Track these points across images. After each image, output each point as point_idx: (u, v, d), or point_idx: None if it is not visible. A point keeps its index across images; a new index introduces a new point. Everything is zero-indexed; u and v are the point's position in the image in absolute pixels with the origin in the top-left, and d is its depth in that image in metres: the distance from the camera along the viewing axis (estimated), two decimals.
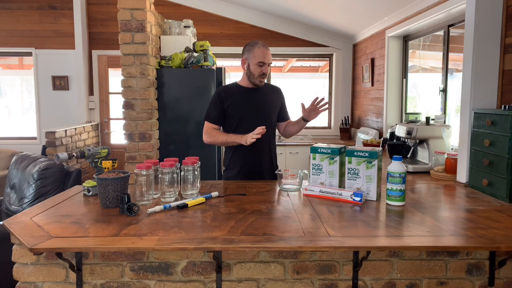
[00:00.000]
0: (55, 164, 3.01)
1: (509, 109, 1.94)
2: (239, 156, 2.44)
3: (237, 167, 2.45)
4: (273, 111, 2.51)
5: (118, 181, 1.75)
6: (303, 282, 1.60)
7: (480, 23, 2.18)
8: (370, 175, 1.85)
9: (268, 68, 2.37)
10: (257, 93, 2.45)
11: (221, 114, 2.43)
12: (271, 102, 2.50)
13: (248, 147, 2.32)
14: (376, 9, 4.02)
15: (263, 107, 2.46)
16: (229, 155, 2.50)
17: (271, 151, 2.51)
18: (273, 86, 2.61)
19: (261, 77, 2.38)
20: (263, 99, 2.46)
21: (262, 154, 2.45)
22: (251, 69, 2.37)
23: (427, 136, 2.71)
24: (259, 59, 2.33)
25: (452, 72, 3.34)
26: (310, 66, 6.69)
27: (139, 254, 1.58)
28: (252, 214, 1.66)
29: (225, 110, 2.43)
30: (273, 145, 2.53)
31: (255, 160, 2.43)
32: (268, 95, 2.50)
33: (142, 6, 3.54)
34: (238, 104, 2.42)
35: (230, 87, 2.51)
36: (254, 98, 2.44)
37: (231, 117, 2.42)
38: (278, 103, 2.54)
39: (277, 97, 2.55)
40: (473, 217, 1.64)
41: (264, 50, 2.34)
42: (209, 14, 5.46)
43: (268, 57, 2.36)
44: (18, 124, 6.50)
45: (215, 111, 2.43)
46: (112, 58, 5.71)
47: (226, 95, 2.43)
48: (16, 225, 1.51)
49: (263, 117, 2.42)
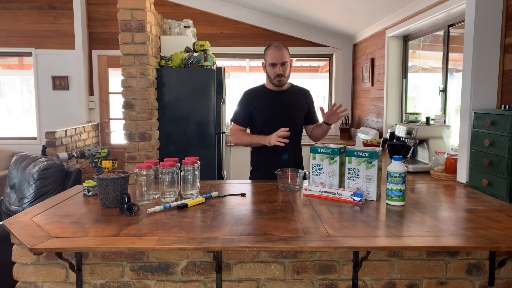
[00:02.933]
0: (55, 164, 3.02)
1: (509, 109, 1.94)
2: (264, 158, 2.47)
3: (263, 169, 2.47)
4: (299, 113, 2.51)
5: (118, 181, 1.75)
6: (303, 282, 1.60)
7: (480, 23, 2.18)
8: (370, 175, 1.85)
9: (281, 68, 2.37)
10: (283, 95, 2.47)
11: (247, 116, 2.48)
12: (297, 104, 2.50)
13: (272, 149, 2.35)
14: (376, 9, 4.02)
15: (288, 109, 2.46)
16: (255, 156, 2.53)
17: (295, 153, 2.52)
18: (301, 88, 2.60)
19: (277, 78, 2.39)
20: (288, 101, 2.47)
21: (286, 154, 2.46)
22: (267, 71, 2.43)
23: (427, 136, 2.71)
24: (270, 61, 2.38)
25: (452, 72, 3.34)
26: (310, 66, 6.70)
27: (139, 254, 1.58)
28: (252, 214, 1.66)
29: (251, 112, 2.46)
30: (298, 147, 2.55)
31: (280, 161, 2.42)
32: (294, 97, 2.50)
33: (142, 6, 3.54)
34: (263, 106, 2.45)
35: (257, 89, 2.55)
36: (279, 100, 2.46)
37: (257, 119, 2.46)
38: (304, 106, 2.54)
39: (304, 99, 2.54)
40: (473, 217, 1.64)
41: (275, 51, 2.37)
42: (209, 14, 5.46)
43: (278, 57, 2.36)
44: (18, 124, 6.51)
45: (242, 113, 2.48)
46: (112, 58, 5.71)
47: (253, 98, 2.47)
48: (16, 225, 1.51)
49: (288, 120, 2.43)
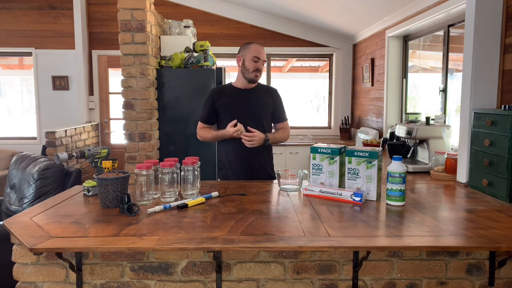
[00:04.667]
0: (55, 164, 3.01)
1: (509, 109, 1.94)
2: (230, 156, 2.48)
3: (230, 167, 2.48)
4: (264, 111, 2.50)
5: (118, 181, 1.75)
6: (303, 282, 1.60)
7: (480, 23, 2.18)
8: (370, 175, 1.85)
9: (262, 66, 2.42)
10: (249, 93, 2.48)
11: (212, 114, 2.49)
12: (262, 102, 2.50)
13: (238, 148, 2.39)
14: (376, 9, 4.02)
15: (253, 107, 2.46)
16: (222, 155, 2.55)
17: (263, 152, 2.50)
18: (267, 87, 2.62)
19: (255, 72, 2.40)
20: (254, 99, 2.48)
21: (254, 153, 2.44)
22: (246, 64, 2.41)
23: (427, 136, 2.71)
24: (254, 54, 2.39)
25: (452, 72, 3.34)
26: (310, 66, 6.69)
27: (139, 254, 1.58)
28: (252, 214, 1.66)
29: (217, 110, 2.47)
30: (265, 145, 2.48)
31: (246, 160, 2.44)
32: (260, 96, 2.50)
33: (142, 6, 3.54)
34: (229, 105, 2.46)
35: (224, 87, 2.56)
36: (245, 98, 2.46)
37: (223, 117, 2.46)
38: (271, 104, 2.52)
39: (270, 97, 2.53)
40: (473, 217, 1.64)
41: (260, 48, 2.42)
42: (209, 14, 5.46)
43: (263, 54, 2.42)
44: (18, 124, 6.51)
45: (207, 111, 2.50)
46: (112, 58, 5.71)
47: (218, 96, 2.48)
48: (16, 225, 1.51)
49: (254, 117, 2.43)
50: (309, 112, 6.54)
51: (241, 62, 2.44)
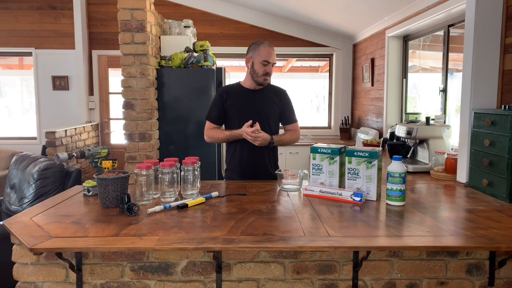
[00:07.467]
0: (55, 164, 3.01)
1: (509, 109, 1.94)
2: (237, 157, 2.45)
3: (236, 168, 2.46)
4: (273, 112, 2.48)
5: (118, 181, 1.75)
6: (303, 282, 1.60)
7: (480, 23, 2.18)
8: (370, 175, 1.85)
9: (272, 68, 2.38)
10: (258, 94, 2.45)
11: (221, 114, 2.45)
12: (271, 103, 2.47)
13: (246, 149, 2.37)
14: (376, 9, 4.02)
15: (262, 108, 2.44)
16: (229, 155, 2.52)
17: (269, 153, 2.49)
18: (277, 88, 2.56)
19: (265, 76, 2.37)
20: (263, 101, 2.45)
21: (260, 155, 2.44)
22: (255, 68, 2.37)
23: (427, 136, 2.71)
24: (264, 58, 2.34)
25: (452, 72, 3.34)
26: (310, 66, 6.70)
27: (139, 254, 1.58)
28: (252, 214, 1.66)
29: (226, 110, 2.44)
30: (272, 147, 2.49)
31: (253, 161, 2.43)
32: (269, 97, 2.48)
33: (142, 6, 3.54)
34: (238, 105, 2.43)
35: (232, 87, 2.52)
36: (254, 99, 2.44)
37: (231, 117, 2.44)
38: (279, 105, 2.50)
39: (278, 99, 2.50)
40: (473, 217, 1.64)
41: (270, 50, 2.36)
42: (209, 14, 5.46)
43: (273, 56, 2.37)
44: (18, 124, 6.51)
45: (216, 110, 2.45)
46: (112, 58, 5.71)
47: (227, 95, 2.44)
48: (16, 225, 1.51)
49: (261, 119, 2.41)
50: (309, 112, 6.55)
51: (250, 64, 2.39)
